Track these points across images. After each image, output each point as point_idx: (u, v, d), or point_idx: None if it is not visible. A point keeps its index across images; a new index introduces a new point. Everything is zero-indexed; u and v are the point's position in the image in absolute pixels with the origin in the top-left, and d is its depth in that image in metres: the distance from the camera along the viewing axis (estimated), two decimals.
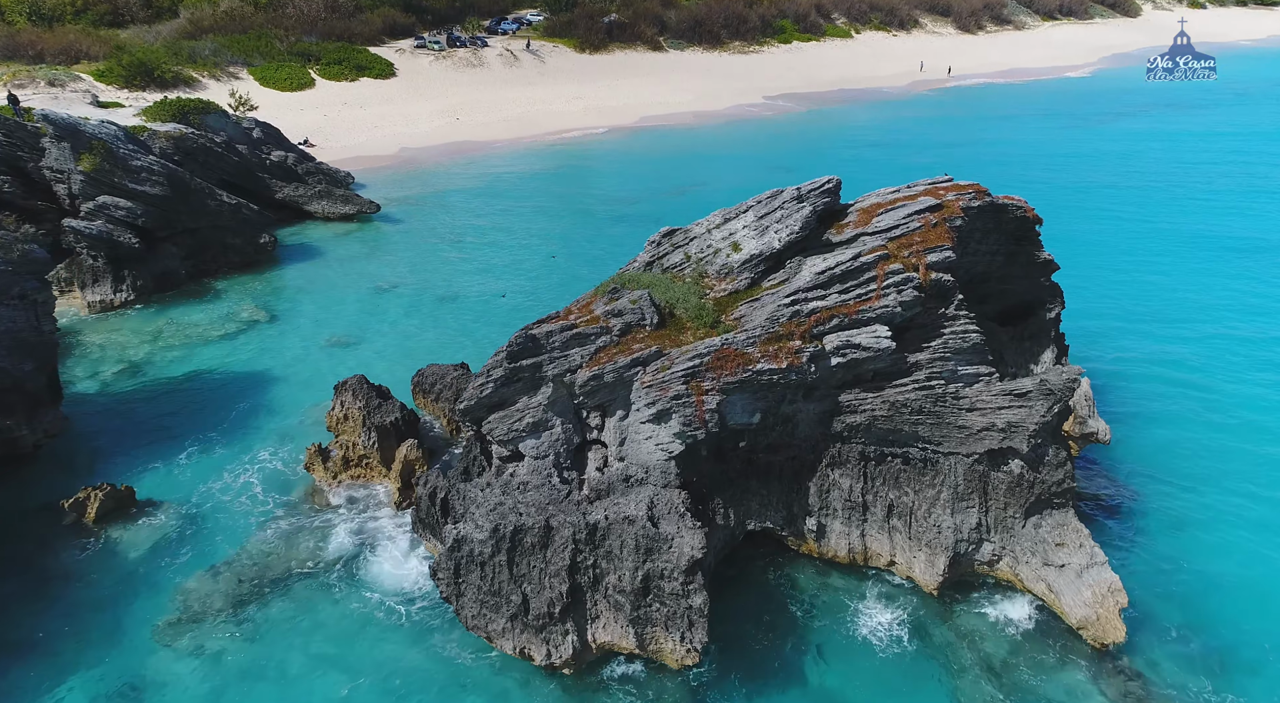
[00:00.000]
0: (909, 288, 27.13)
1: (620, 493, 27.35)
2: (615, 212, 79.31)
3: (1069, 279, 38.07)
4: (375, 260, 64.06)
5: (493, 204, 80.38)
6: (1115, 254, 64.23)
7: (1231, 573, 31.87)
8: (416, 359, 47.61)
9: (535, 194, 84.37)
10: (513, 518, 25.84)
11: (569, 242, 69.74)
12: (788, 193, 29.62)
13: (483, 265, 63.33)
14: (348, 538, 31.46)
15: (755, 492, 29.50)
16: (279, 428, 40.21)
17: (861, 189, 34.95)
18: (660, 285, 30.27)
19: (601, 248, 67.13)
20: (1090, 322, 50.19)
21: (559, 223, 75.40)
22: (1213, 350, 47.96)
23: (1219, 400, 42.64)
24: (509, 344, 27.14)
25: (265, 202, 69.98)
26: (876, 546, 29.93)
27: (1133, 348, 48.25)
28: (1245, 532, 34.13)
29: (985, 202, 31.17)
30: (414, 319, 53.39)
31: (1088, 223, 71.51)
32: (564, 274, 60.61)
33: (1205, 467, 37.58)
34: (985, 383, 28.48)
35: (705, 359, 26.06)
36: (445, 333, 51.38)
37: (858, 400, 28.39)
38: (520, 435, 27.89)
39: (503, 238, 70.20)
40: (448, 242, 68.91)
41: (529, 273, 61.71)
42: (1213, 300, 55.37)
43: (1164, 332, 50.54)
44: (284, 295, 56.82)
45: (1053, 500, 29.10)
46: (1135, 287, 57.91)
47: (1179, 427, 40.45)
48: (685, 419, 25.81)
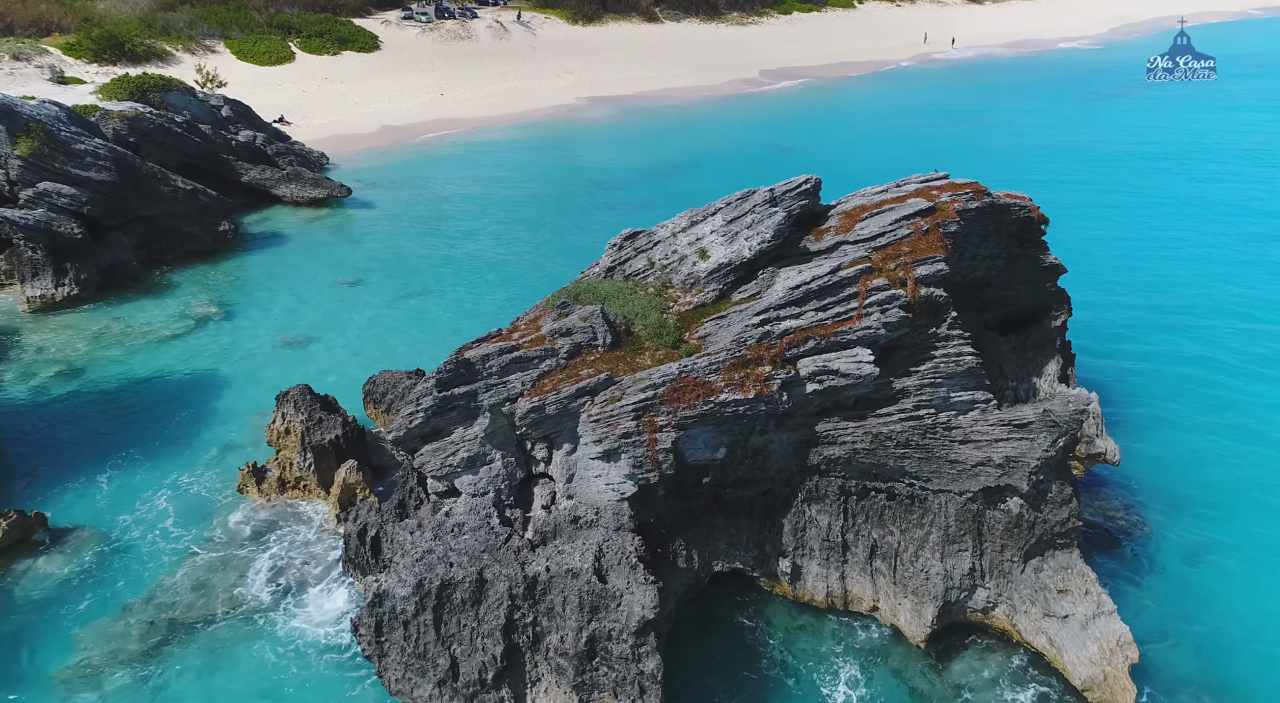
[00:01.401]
0: (894, 307, 23.79)
1: (567, 537, 24.25)
2: (602, 197, 75.65)
3: (1073, 272, 34.57)
4: (343, 249, 60.65)
5: (473, 187, 76.74)
6: (1123, 243, 60.54)
7: (1252, 612, 28.81)
8: (377, 362, 44.41)
9: (519, 176, 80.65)
10: (440, 570, 22.74)
11: (551, 229, 66.21)
12: (759, 195, 26.20)
13: (457, 255, 59.91)
14: (274, 575, 28.46)
15: (723, 530, 26.38)
16: (220, 441, 37.11)
17: (854, 176, 31.58)
18: (618, 297, 26.98)
19: (586, 236, 63.54)
20: (1097, 316, 46.85)
21: (543, 208, 71.79)
22: (1232, 350, 44.51)
23: (1238, 407, 39.29)
24: (439, 370, 23.92)
25: (230, 185, 66.51)
26: (858, 589, 26.85)
27: (1144, 349, 44.82)
28: (1267, 560, 31.03)
29: (985, 202, 27.73)
30: (379, 316, 50.07)
31: (1092, 211, 67.82)
32: (542, 266, 57.21)
33: (1223, 486, 34.33)
34: (981, 411, 25.22)
35: (660, 390, 22.81)
36: (411, 332, 48.11)
37: (837, 431, 25.16)
38: (455, 471, 24.74)
39: (482, 225, 66.68)
40: (422, 228, 65.43)
41: (506, 263, 58.28)
42: (1235, 293, 51.78)
43: (1180, 328, 47.08)
44: (242, 289, 53.52)
45: (1056, 541, 25.96)
46: (1147, 278, 54.35)
47: (1195, 439, 37.14)
48: (636, 460, 22.61)
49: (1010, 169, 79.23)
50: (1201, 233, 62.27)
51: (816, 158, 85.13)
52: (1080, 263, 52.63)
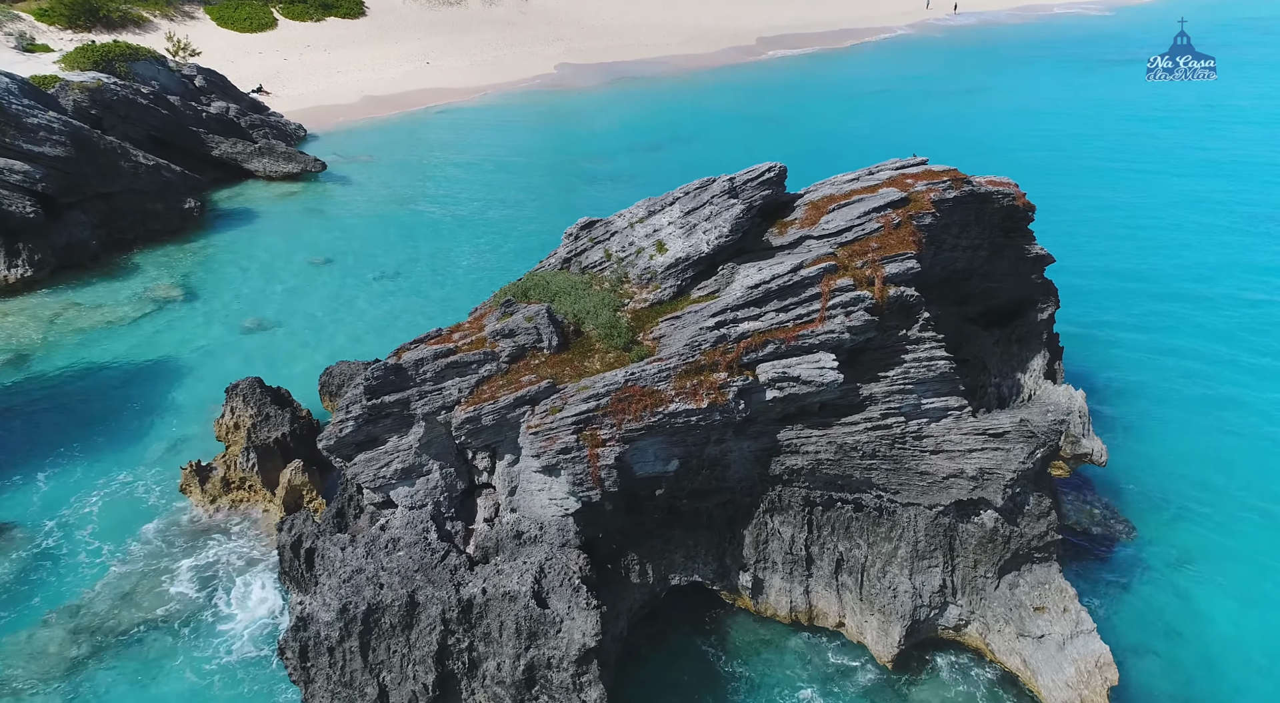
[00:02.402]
0: (859, 310, 21.99)
1: (510, 553, 22.71)
2: (588, 169, 73.41)
3: (1063, 259, 32.59)
4: (315, 227, 58.65)
5: (455, 161, 74.47)
6: (1116, 225, 58.29)
7: (1240, 623, 27.36)
8: (343, 349, 42.74)
9: (504, 150, 78.29)
10: (368, 593, 21.22)
11: (534, 206, 64.08)
12: (718, 184, 24.29)
13: (433, 234, 57.93)
14: (206, 586, 26.98)
15: (679, 543, 24.82)
16: (170, 435, 35.54)
17: (844, 153, 29.69)
18: (569, 294, 25.19)
19: (570, 214, 60.80)
20: (1088, 307, 44.98)
21: (526, 183, 69.59)
22: (1232, 341, 42.54)
23: (1235, 403, 37.49)
24: (366, 376, 22.21)
25: (201, 160, 64.39)
26: (823, 604, 25.35)
27: (1137, 339, 42.91)
28: (1257, 568, 29.51)
29: (964, 191, 25.80)
30: (349, 299, 48.27)
31: (1083, 189, 65.50)
32: (522, 245, 55.19)
33: (1215, 488, 32.67)
34: (955, 419, 23.52)
35: (603, 401, 21.09)
36: (381, 317, 46.34)
37: (800, 439, 23.48)
38: (389, 483, 23.14)
39: (461, 201, 64.59)
40: (399, 205, 63.37)
41: (483, 243, 56.30)
42: (1236, 279, 49.76)
43: (1177, 319, 45.07)
44: (207, 270, 51.66)
45: (1033, 555, 24.40)
46: (1141, 263, 52.28)
47: (1187, 437, 35.41)
48: (576, 477, 20.97)
49: (1008, 144, 76.86)
50: (1205, 212, 60.10)
51: (808, 131, 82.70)
52: (1073, 247, 50.88)
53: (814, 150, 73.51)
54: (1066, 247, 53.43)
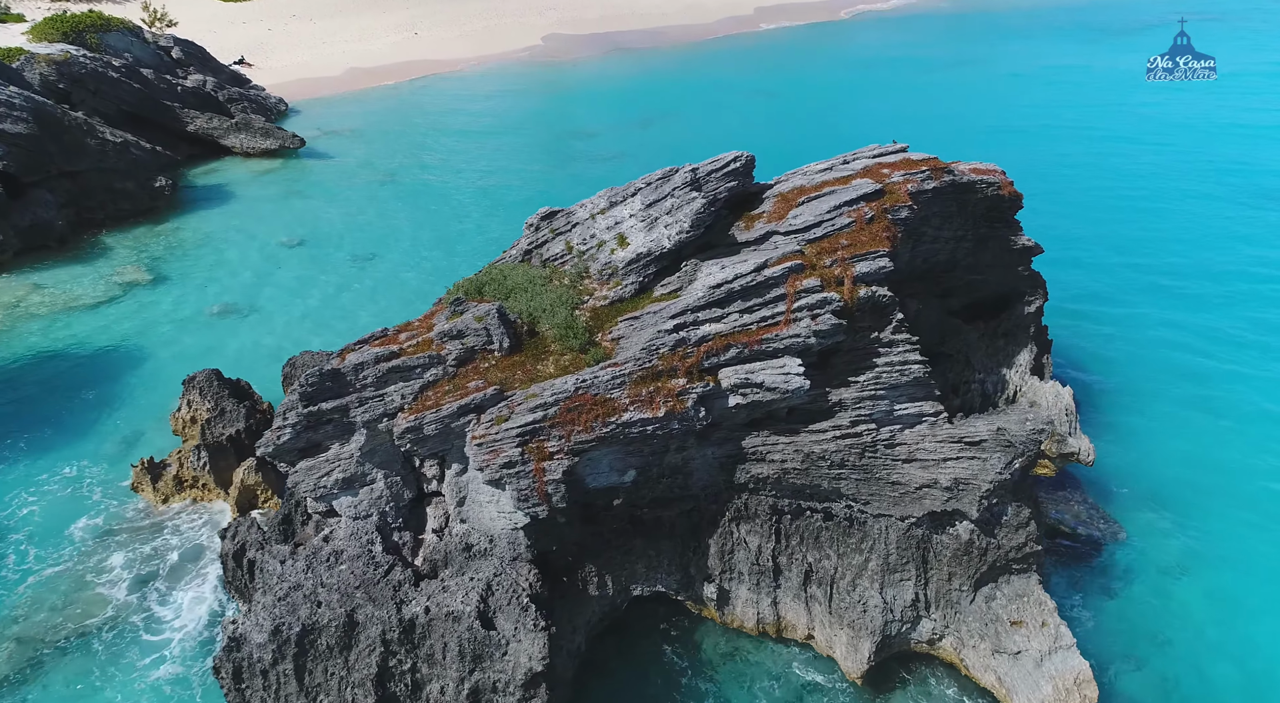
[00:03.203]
0: (826, 313, 20.60)
1: (458, 567, 21.55)
2: (575, 146, 71.57)
3: (1052, 247, 31.06)
4: (291, 207, 57.06)
5: (439, 137, 72.62)
6: (1103, 203, 56.34)
7: (1229, 631, 26.24)
8: (312, 334, 41.43)
9: (490, 125, 76.38)
10: (304, 612, 20.08)
11: (518, 184, 62.34)
12: (680, 175, 22.80)
13: (412, 213, 56.33)
14: (151, 594, 25.84)
15: (641, 553, 23.65)
16: (127, 427, 34.37)
17: (837, 129, 27.97)
18: (525, 290, 23.80)
19: (554, 193, 59.62)
20: (1079, 297, 43.29)
21: (512, 159, 67.82)
22: (1229, 334, 40.87)
23: (1230, 399, 36.00)
24: (302, 381, 20.91)
25: (176, 135, 62.70)
26: (792, 616, 24.21)
27: (1129, 331, 41.07)
28: (1247, 572, 28.35)
29: (944, 181, 24.30)
30: (322, 283, 46.86)
31: (1073, 163, 63.58)
32: (504, 227, 53.56)
33: (1207, 488, 31.33)
34: (929, 425, 22.22)
35: (551, 411, 19.79)
36: (352, 300, 44.99)
37: (766, 447, 22.21)
38: (331, 493, 21.93)
39: (442, 179, 62.88)
40: (378, 183, 61.70)
41: (462, 224, 54.74)
42: (1238, 267, 48.04)
43: (1172, 310, 43.32)
44: (177, 251, 50.22)
45: (1011, 567, 23.21)
46: (1134, 246, 50.41)
47: (1180, 434, 33.97)
48: (521, 492, 19.73)
49: (1006, 117, 74.82)
50: (1199, 191, 58.26)
51: (802, 106, 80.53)
52: (1064, 232, 49.26)
53: (806, 127, 71.57)
54: (1066, 216, 52.05)
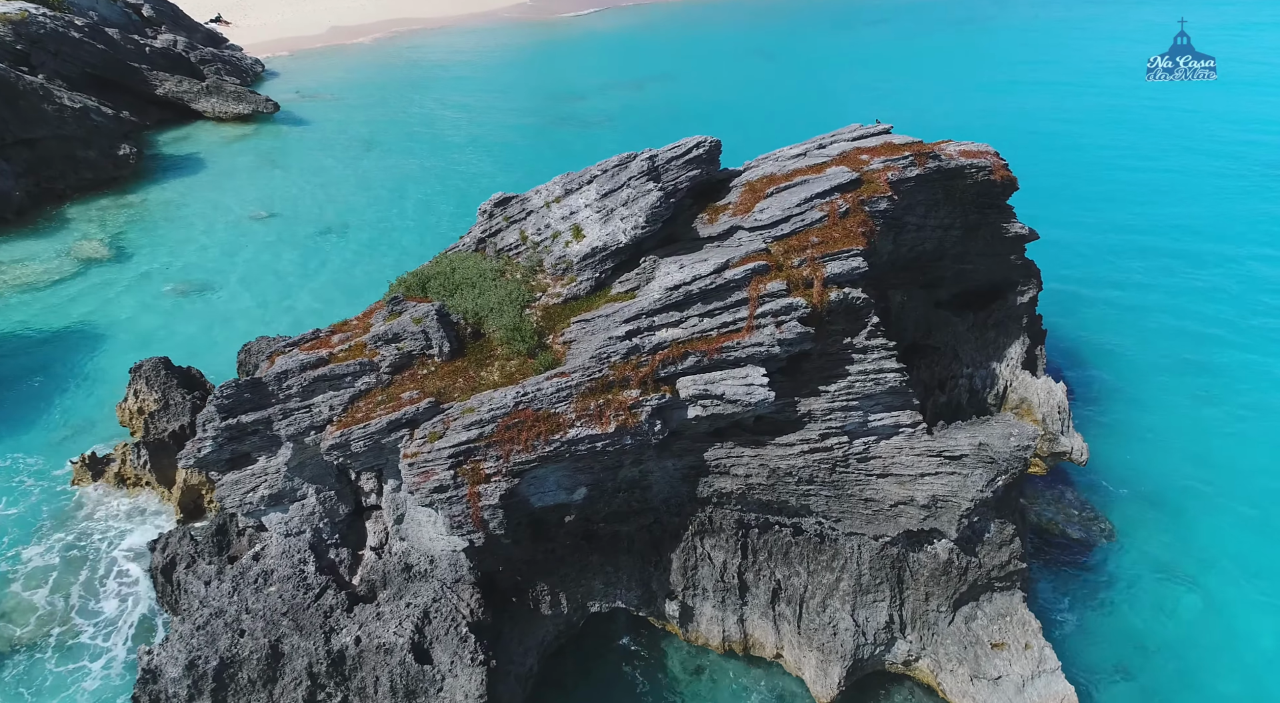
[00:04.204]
0: (792, 320, 18.76)
1: (396, 589, 20.03)
2: (563, 109, 69.04)
3: (1046, 232, 28.91)
4: (262, 176, 54.87)
5: (421, 100, 70.11)
6: (1106, 180, 53.97)
7: (1221, 638, 24.88)
8: (276, 315, 39.66)
9: (474, 86, 73.79)
10: (224, 642, 18.59)
11: (503, 150, 60.03)
12: (637, 163, 20.77)
13: (388, 183, 54.17)
14: (79, 605, 24.25)
15: (598, 569, 22.09)
16: (74, 417, 32.79)
17: (827, 99, 25.81)
18: (473, 287, 21.95)
19: (537, 161, 57.50)
20: (1073, 283, 41.03)
21: (496, 124, 65.39)
22: (1231, 324, 38.66)
23: (1230, 393, 34.05)
24: (217, 394, 19.17)
25: (144, 99, 60.28)
26: (760, 634, 22.72)
27: (1128, 318, 38.87)
28: (1244, 575, 26.86)
29: (929, 168, 22.26)
30: (290, 258, 44.95)
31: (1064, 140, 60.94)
32: (483, 196, 51.37)
33: (1206, 487, 29.67)
34: (907, 437, 20.49)
35: (489, 429, 18.07)
36: (319, 279, 43.10)
37: (729, 460, 20.53)
38: (258, 509, 20.33)
39: (421, 145, 60.56)
40: (355, 150, 59.40)
41: (439, 193, 52.63)
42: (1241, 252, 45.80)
43: (1170, 298, 41.07)
44: (140, 225, 48.21)
45: (993, 585, 21.68)
46: (1135, 227, 48.03)
47: (1177, 431, 32.08)
48: (454, 519, 18.09)
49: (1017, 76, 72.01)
50: (1207, 166, 55.82)
51: (800, 68, 77.68)
52: (1057, 215, 47.02)
53: (803, 92, 68.93)
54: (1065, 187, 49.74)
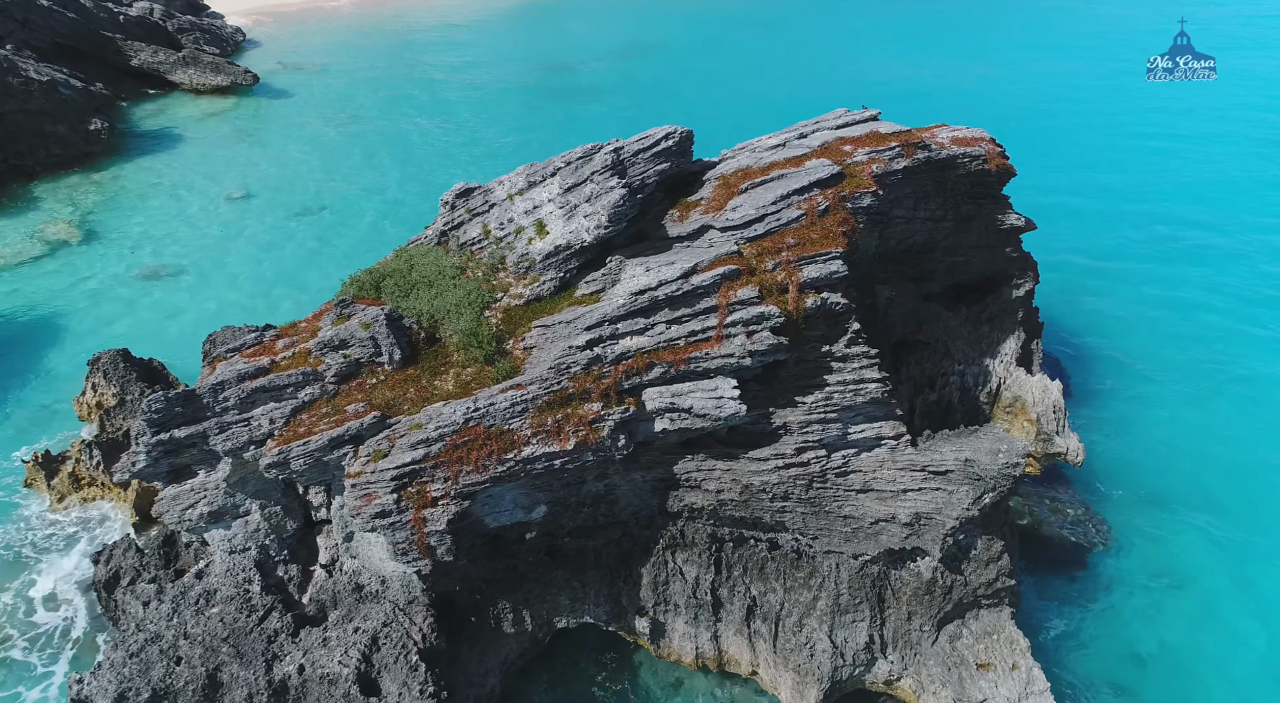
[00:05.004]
0: (764, 330, 17.40)
1: (347, 610, 18.93)
2: (552, 81, 67.04)
3: (1044, 221, 27.47)
4: (240, 153, 53.16)
5: (406, 72, 68.10)
6: (1101, 164, 51.99)
7: (1216, 653, 23.89)
8: (245, 301, 38.41)
9: (459, 56, 71.71)
10: (158, 672, 17.51)
11: (488, 124, 58.22)
12: (602, 156, 19.29)
13: (369, 159, 52.54)
14: (21, 622, 23.11)
15: (564, 585, 20.96)
16: (30, 409, 31.62)
17: (826, 75, 24.08)
18: (430, 287, 20.59)
19: (520, 136, 55.86)
20: (1071, 272, 39.29)
21: (483, 96, 63.49)
22: (1235, 316, 37.00)
23: (1231, 387, 32.64)
24: (145, 407, 17.89)
25: (119, 70, 58.47)
26: (735, 650, 21.64)
27: (1129, 312, 37.18)
28: (1240, 583, 25.80)
29: (917, 159, 20.77)
30: (265, 241, 43.47)
31: None
32: (468, 172, 49.84)
33: (1203, 488, 28.49)
34: (890, 450, 19.21)
35: (436, 448, 16.80)
36: (294, 262, 41.69)
37: (700, 473, 19.30)
38: (198, 526, 19.17)
39: (404, 119, 58.74)
40: (336, 125, 57.60)
41: (420, 172, 50.95)
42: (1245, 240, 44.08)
43: (1171, 288, 39.34)
44: (111, 204, 46.70)
45: (980, 603, 20.55)
46: (1131, 214, 46.11)
47: (1177, 428, 30.75)
48: (398, 545, 16.88)
49: None
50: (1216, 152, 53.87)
51: (799, 39, 75.38)
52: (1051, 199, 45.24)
53: (802, 66, 66.78)
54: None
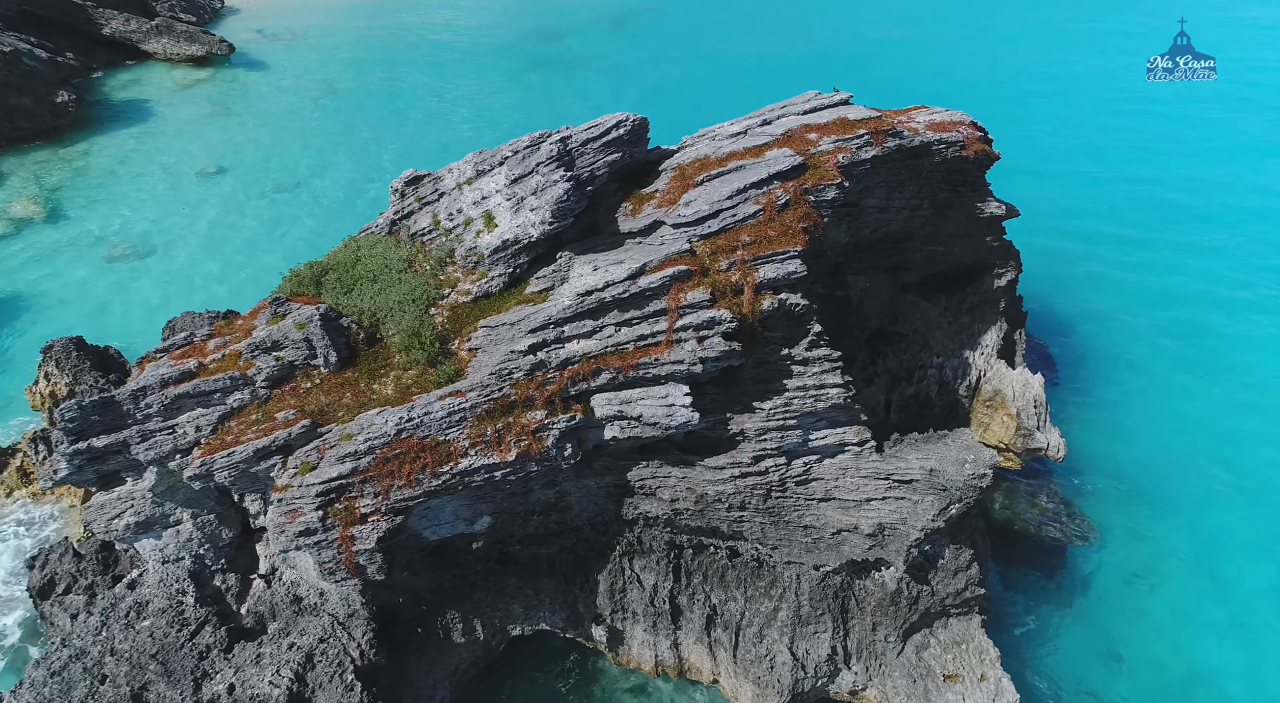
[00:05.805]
0: (715, 335, 16.35)
1: (284, 623, 18.14)
2: (537, 51, 65.14)
3: (1029, 208, 26.28)
4: (214, 126, 51.65)
5: (386, 40, 66.18)
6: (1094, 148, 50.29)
7: (1198, 662, 23.26)
8: (215, 283, 37.39)
9: (442, 21, 69.81)
10: (80, 692, 16.77)
11: (470, 97, 56.59)
12: (547, 146, 18.10)
13: (346, 133, 51.05)
14: None
15: (516, 592, 20.16)
16: None
17: (825, 49, 22.71)
18: (373, 283, 19.55)
19: (504, 111, 54.24)
20: (1059, 261, 37.96)
21: (466, 66, 61.73)
22: (1222, 308, 35.72)
23: (1224, 378, 31.60)
24: (60, 414, 16.97)
25: (90, 39, 56.78)
26: (695, 658, 20.89)
27: (1115, 302, 35.75)
28: (1222, 583, 25.10)
29: (887, 148, 19.57)
30: (237, 219, 42.24)
31: None
32: (443, 150, 48.44)
33: (1195, 485, 27.70)
34: (853, 457, 18.27)
35: (365, 461, 15.86)
36: (264, 242, 40.52)
37: (655, 481, 18.38)
38: (125, 536, 18.33)
39: (384, 91, 57.04)
40: (314, 97, 55.99)
41: (398, 147, 49.51)
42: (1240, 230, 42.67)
43: (1161, 278, 37.98)
44: (79, 180, 45.42)
45: (948, 612, 19.74)
46: (1122, 200, 44.59)
47: (1163, 421, 29.79)
48: (325, 565, 16.00)
49: None
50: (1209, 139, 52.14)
51: (803, 6, 73.25)
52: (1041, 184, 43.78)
53: (799, 35, 64.84)
54: None
